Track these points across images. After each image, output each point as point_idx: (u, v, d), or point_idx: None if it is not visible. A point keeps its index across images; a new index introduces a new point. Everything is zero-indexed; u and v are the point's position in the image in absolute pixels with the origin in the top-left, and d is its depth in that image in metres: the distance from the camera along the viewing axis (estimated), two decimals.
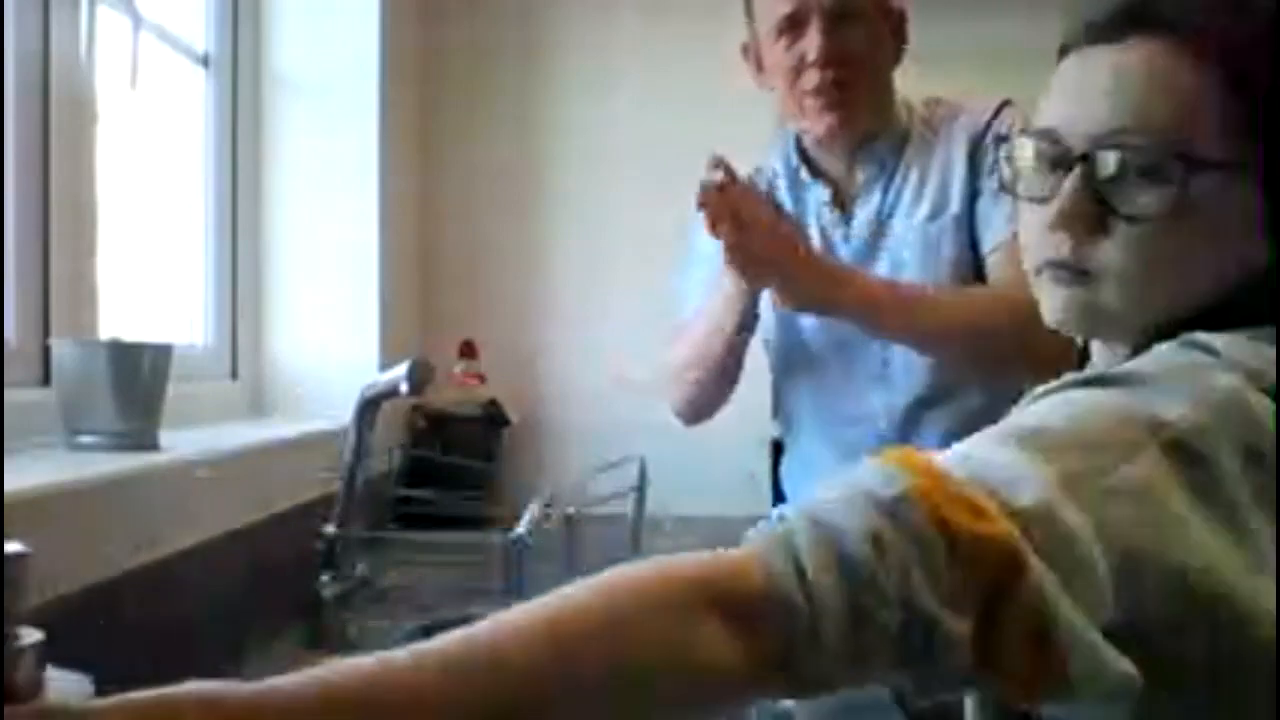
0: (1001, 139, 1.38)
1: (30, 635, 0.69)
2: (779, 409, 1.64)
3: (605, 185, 2.40)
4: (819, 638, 0.56)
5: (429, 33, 2.38)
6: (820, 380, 1.54)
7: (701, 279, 1.60)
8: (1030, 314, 1.19)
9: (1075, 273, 0.74)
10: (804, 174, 1.55)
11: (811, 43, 1.42)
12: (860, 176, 1.50)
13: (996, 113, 1.47)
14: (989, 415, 1.57)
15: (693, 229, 1.66)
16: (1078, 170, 0.73)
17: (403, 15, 2.18)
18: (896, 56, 1.51)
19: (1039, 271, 0.77)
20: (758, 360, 1.67)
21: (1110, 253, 0.73)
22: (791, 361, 1.58)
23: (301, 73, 1.99)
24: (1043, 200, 0.75)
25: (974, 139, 1.47)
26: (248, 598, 1.30)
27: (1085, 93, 0.75)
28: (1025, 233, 0.79)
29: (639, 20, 2.41)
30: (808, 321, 1.53)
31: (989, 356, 1.39)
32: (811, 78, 1.43)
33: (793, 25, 1.43)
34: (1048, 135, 0.76)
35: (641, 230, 2.32)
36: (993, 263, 1.42)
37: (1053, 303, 0.77)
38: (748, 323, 1.47)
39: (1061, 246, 0.74)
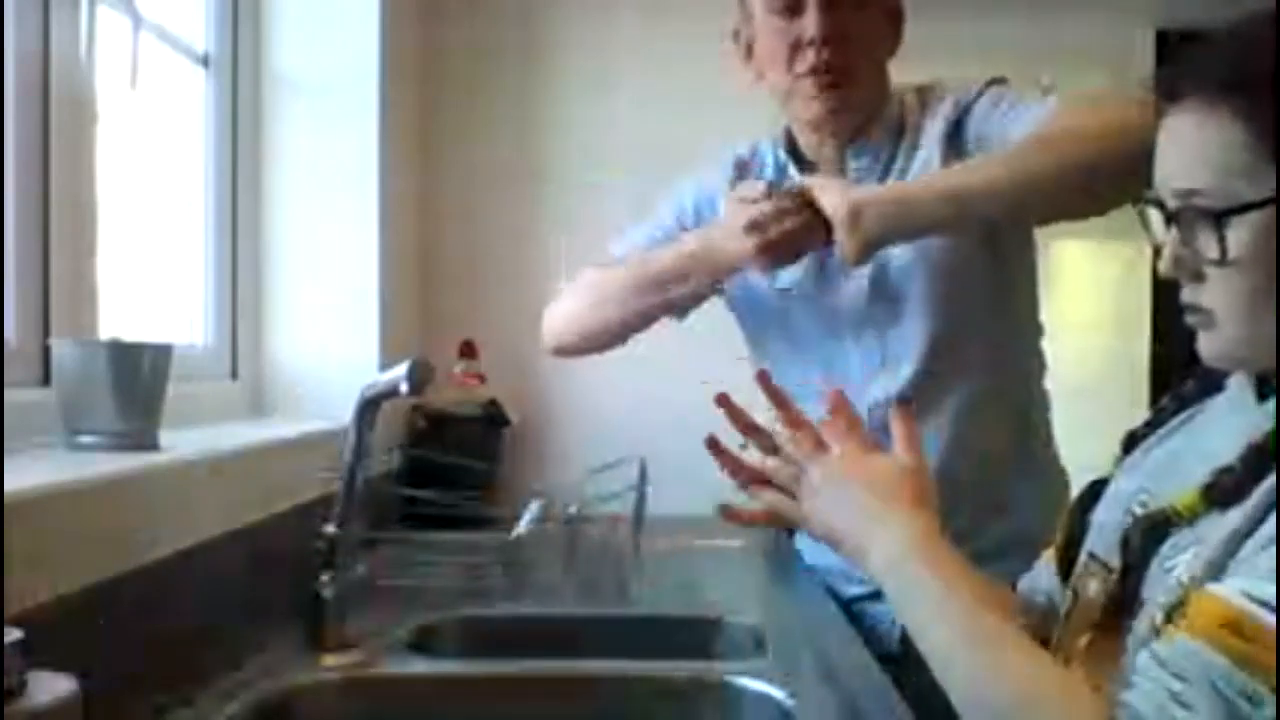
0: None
1: (10, 634, 0.69)
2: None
3: (605, 185, 2.39)
4: None
5: (429, 33, 2.38)
6: (812, 372, 1.52)
7: (644, 238, 1.61)
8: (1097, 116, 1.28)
9: (1199, 313, 0.83)
10: (792, 169, 1.53)
11: (810, 21, 1.40)
12: (853, 171, 1.48)
13: (981, 90, 1.45)
14: (987, 398, 1.57)
15: (672, 194, 1.66)
16: (1175, 227, 0.83)
17: (403, 15, 2.18)
18: (892, 50, 1.50)
19: (1185, 312, 0.86)
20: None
21: (1213, 294, 0.82)
22: (778, 354, 1.57)
23: (301, 73, 1.99)
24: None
25: (955, 118, 1.44)
26: (248, 598, 1.30)
27: (1161, 156, 0.85)
28: None
29: (639, 20, 2.41)
30: (797, 312, 1.52)
31: (1082, 177, 1.27)
32: (808, 58, 1.41)
33: (790, 6, 1.42)
34: (1154, 196, 0.86)
35: None
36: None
37: (1199, 344, 0.85)
38: (684, 285, 1.48)
39: (1184, 291, 0.84)
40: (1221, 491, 0.78)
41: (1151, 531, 0.82)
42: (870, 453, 1.00)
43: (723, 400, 1.05)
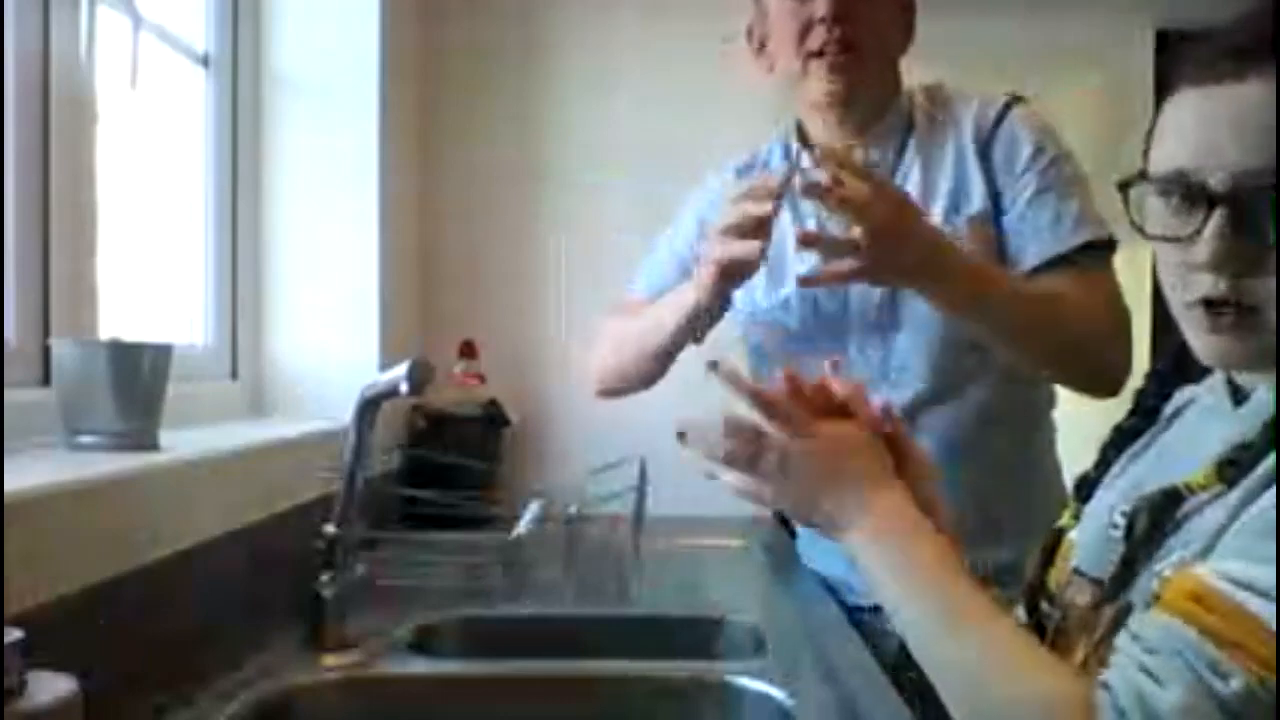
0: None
1: (10, 634, 0.69)
2: None
3: (605, 185, 2.40)
4: None
5: (429, 33, 2.38)
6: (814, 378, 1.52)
7: (655, 267, 1.61)
8: (1108, 330, 1.38)
9: (1240, 310, 0.75)
10: (805, 159, 1.54)
11: (821, 2, 1.42)
12: (862, 162, 1.48)
13: (1003, 111, 1.45)
14: (988, 415, 1.58)
15: (674, 220, 1.66)
16: (1224, 210, 0.74)
17: (403, 15, 2.18)
18: (903, 45, 1.51)
19: (1189, 308, 0.78)
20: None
21: (1273, 285, 0.73)
22: (779, 362, 1.57)
23: (301, 73, 1.99)
24: (1181, 240, 0.76)
25: (982, 136, 1.44)
26: (248, 598, 1.30)
27: (1217, 133, 0.75)
28: (1165, 272, 0.80)
29: (639, 20, 2.42)
30: (801, 321, 1.52)
31: (1066, 364, 1.39)
32: (819, 36, 1.43)
33: None
34: (1178, 177, 0.76)
35: (641, 230, 2.32)
36: (1044, 281, 1.39)
37: (1213, 342, 0.78)
38: (688, 338, 1.46)
39: (1219, 284, 0.75)
40: (1239, 468, 0.75)
41: (1161, 509, 0.79)
42: (832, 421, 0.91)
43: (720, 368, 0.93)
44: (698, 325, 1.42)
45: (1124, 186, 0.81)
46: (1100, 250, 1.42)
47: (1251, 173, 0.73)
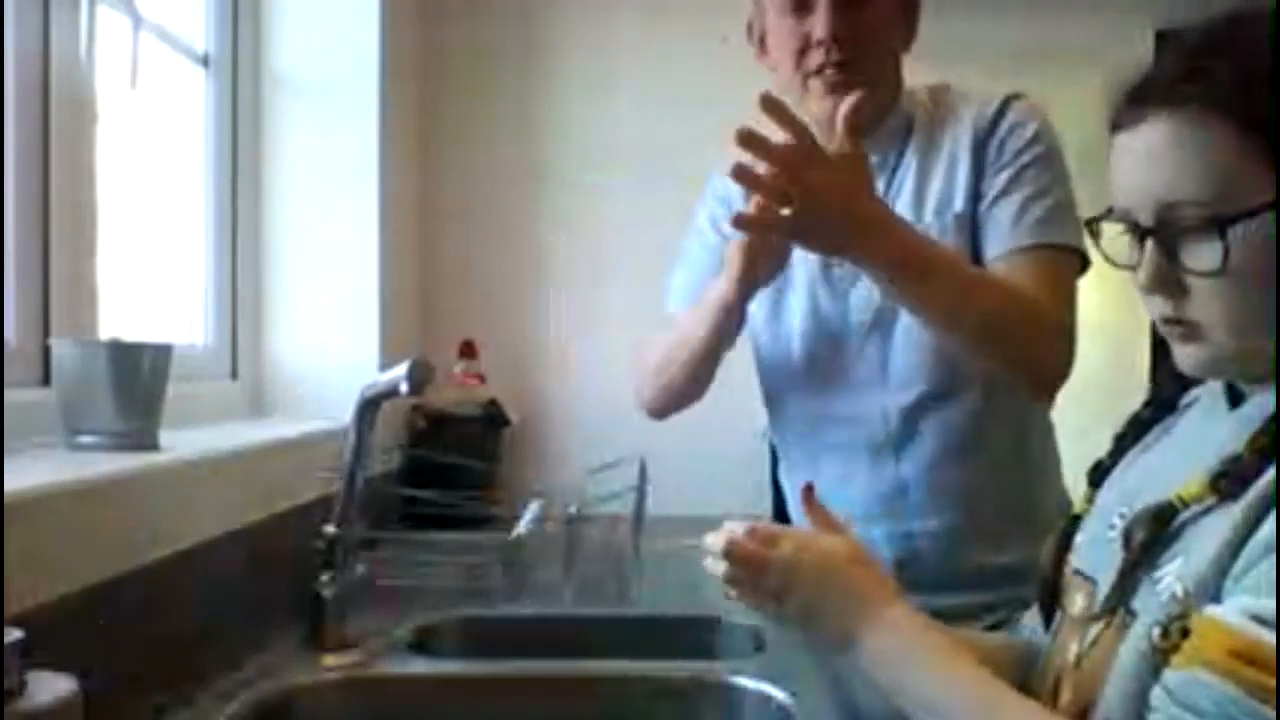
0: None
1: (10, 634, 0.69)
2: (771, 412, 1.63)
3: (605, 185, 2.40)
4: None
5: (429, 33, 2.38)
6: (814, 382, 1.52)
7: (685, 281, 1.59)
8: (1045, 325, 1.34)
9: (1186, 326, 0.82)
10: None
11: (819, 21, 1.39)
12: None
13: (1002, 107, 1.45)
14: (987, 417, 1.57)
15: (690, 231, 1.65)
16: (1152, 242, 0.81)
17: (403, 15, 2.18)
18: (906, 43, 1.50)
19: (1161, 325, 0.85)
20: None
21: (1200, 306, 0.81)
22: (783, 363, 1.56)
23: (301, 73, 1.99)
24: (1133, 270, 0.84)
25: (979, 134, 1.43)
26: (248, 598, 1.30)
27: (1135, 171, 0.82)
28: (1141, 296, 0.87)
29: (639, 20, 2.42)
30: (801, 322, 1.52)
31: (998, 349, 1.34)
32: (817, 57, 1.41)
33: (800, 4, 1.41)
34: (1122, 214, 0.84)
35: (641, 230, 2.33)
36: (999, 270, 1.38)
37: (1180, 356, 0.84)
38: (724, 338, 1.44)
39: (1165, 305, 0.83)
40: (1231, 481, 0.77)
41: (1155, 523, 0.81)
42: (818, 537, 0.99)
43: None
44: (723, 325, 1.41)
45: (1090, 224, 0.88)
46: (1063, 254, 1.39)
47: (1170, 205, 0.80)
